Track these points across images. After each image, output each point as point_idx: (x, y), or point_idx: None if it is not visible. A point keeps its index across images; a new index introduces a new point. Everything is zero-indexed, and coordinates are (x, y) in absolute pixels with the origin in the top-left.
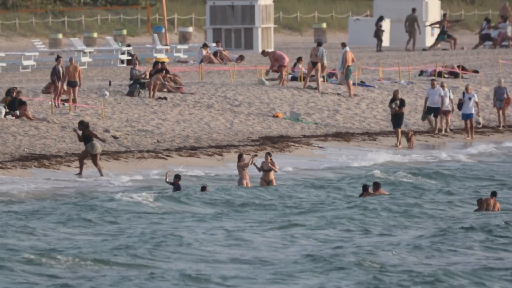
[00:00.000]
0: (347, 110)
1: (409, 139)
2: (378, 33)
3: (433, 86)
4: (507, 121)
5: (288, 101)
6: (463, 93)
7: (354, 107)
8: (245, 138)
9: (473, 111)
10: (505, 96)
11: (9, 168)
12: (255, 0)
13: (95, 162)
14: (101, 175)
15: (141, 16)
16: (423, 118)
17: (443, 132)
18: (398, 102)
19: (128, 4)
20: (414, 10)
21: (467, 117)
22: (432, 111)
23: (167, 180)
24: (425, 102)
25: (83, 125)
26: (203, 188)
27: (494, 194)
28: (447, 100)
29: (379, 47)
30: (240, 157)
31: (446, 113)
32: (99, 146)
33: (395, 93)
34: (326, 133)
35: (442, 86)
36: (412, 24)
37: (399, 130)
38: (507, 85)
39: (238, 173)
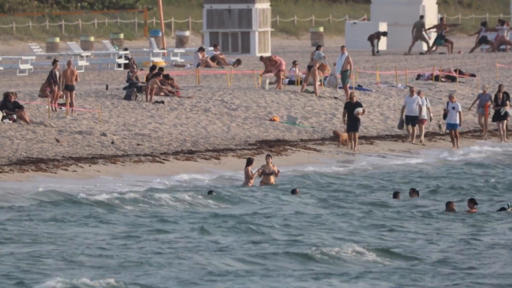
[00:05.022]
0: None
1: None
2: (371, 38)
3: (411, 94)
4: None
5: (285, 105)
6: (447, 102)
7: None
8: (242, 142)
9: (457, 121)
10: (489, 103)
11: (7, 172)
12: (252, 4)
13: None
14: None
15: (138, 20)
16: (400, 127)
17: (421, 140)
18: (360, 109)
19: (125, 8)
20: (422, 17)
21: (451, 126)
22: (410, 120)
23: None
24: (402, 111)
25: None
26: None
27: (474, 202)
28: (424, 109)
29: (372, 51)
30: (250, 162)
31: (422, 121)
32: None
33: (352, 95)
34: (323, 137)
35: (419, 94)
36: (419, 29)
37: (356, 134)
38: (505, 89)
39: (245, 176)
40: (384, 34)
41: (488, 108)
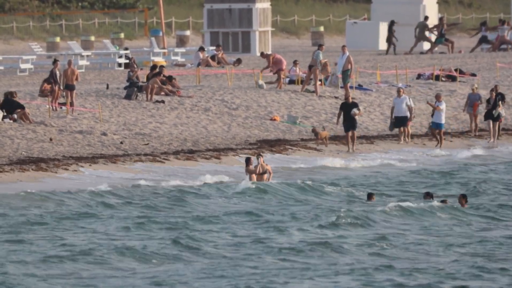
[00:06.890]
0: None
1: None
2: (390, 38)
3: (399, 94)
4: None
5: (285, 105)
6: (435, 102)
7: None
8: (242, 141)
9: (442, 120)
10: (479, 102)
11: (7, 172)
12: (252, 3)
13: None
14: None
15: (138, 19)
16: (391, 128)
17: (408, 140)
18: (356, 110)
19: (126, 7)
20: (426, 17)
21: (436, 126)
22: (399, 120)
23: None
24: (392, 112)
25: None
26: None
27: (465, 198)
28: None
29: (393, 51)
30: (247, 161)
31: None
32: None
33: (348, 96)
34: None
35: (398, 92)
36: (422, 30)
37: (355, 133)
38: (504, 88)
39: (247, 174)
40: (393, 22)
41: (477, 108)
